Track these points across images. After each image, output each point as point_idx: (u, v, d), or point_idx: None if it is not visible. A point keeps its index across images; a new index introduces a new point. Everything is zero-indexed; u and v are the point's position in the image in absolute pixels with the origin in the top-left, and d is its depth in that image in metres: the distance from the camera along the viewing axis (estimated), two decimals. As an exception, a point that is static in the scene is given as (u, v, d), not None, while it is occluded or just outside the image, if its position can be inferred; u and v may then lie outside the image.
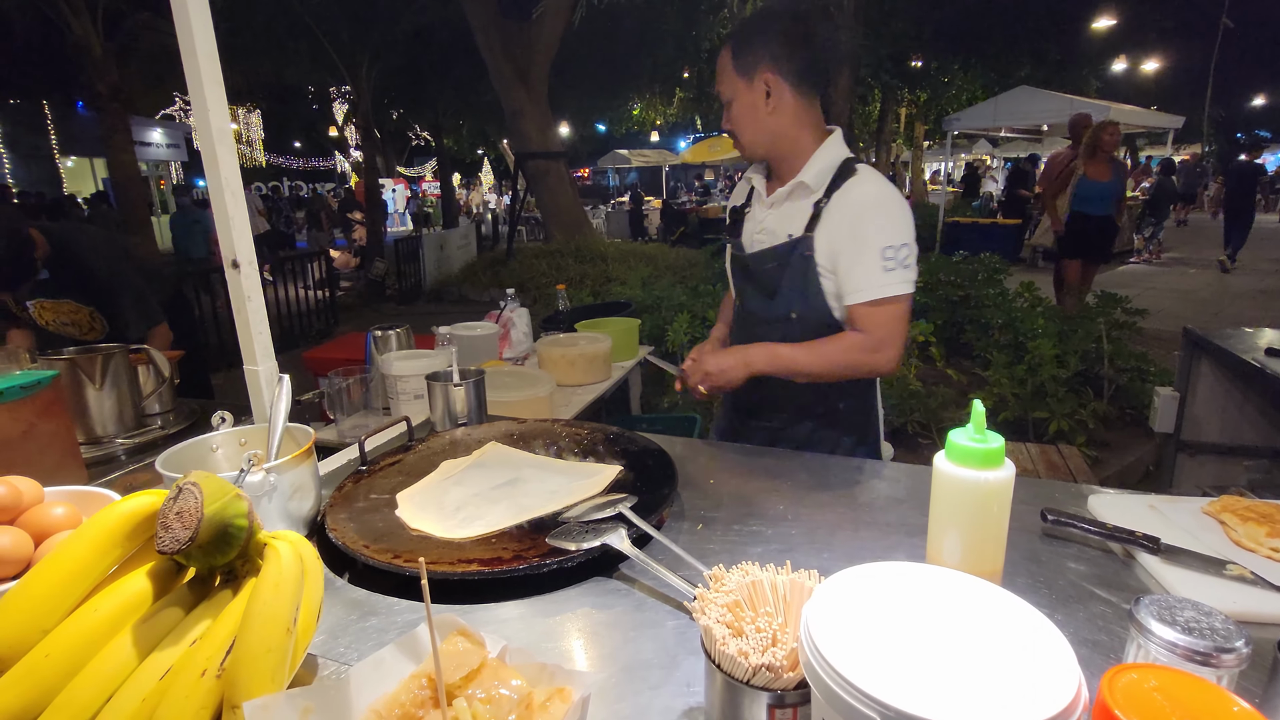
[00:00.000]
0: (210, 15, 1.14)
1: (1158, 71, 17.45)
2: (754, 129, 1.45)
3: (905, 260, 1.36)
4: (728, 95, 1.45)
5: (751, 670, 0.57)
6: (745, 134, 1.47)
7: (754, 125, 1.44)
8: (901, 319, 1.39)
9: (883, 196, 1.38)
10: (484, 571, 0.89)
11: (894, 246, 1.35)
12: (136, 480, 1.34)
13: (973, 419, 0.71)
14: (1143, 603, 0.60)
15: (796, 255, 1.43)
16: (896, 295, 1.36)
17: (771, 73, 1.39)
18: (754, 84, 1.40)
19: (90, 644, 0.58)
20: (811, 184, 1.42)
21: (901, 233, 1.36)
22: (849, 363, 1.40)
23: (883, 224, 1.36)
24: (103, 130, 8.63)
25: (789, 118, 1.43)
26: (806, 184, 1.43)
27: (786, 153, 1.46)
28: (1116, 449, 3.79)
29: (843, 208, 1.38)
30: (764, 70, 1.39)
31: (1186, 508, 1.04)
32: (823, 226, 1.40)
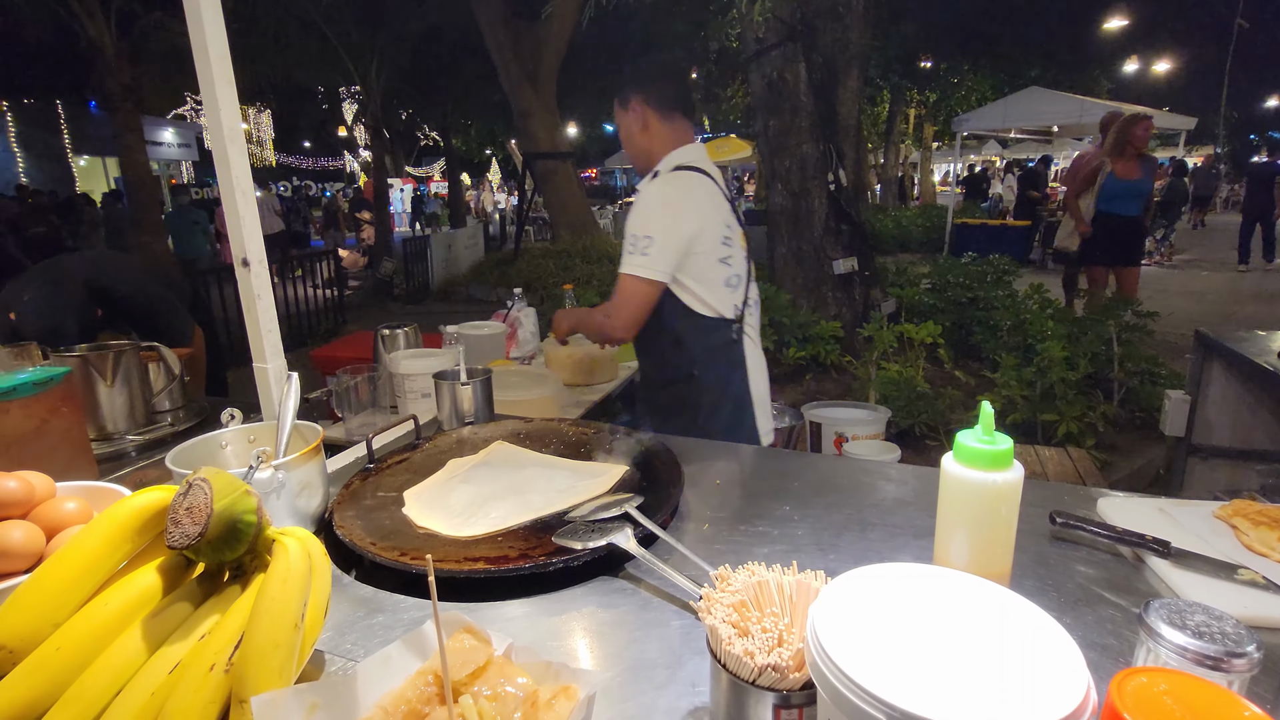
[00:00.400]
0: (222, 15, 1.15)
1: (1169, 72, 17.32)
2: (634, 145, 1.84)
3: (644, 249, 1.64)
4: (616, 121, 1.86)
5: (757, 670, 0.57)
6: (629, 149, 1.86)
7: (632, 142, 1.83)
8: (630, 296, 1.68)
9: (647, 194, 1.72)
10: (490, 570, 0.90)
11: (635, 235, 1.66)
12: (146, 476, 1.35)
13: (981, 420, 0.71)
14: (1153, 606, 0.60)
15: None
16: (628, 274, 1.66)
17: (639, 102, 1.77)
18: (629, 111, 1.79)
19: (101, 638, 0.59)
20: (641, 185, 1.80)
21: (645, 225, 1.66)
22: (593, 323, 1.78)
23: (635, 215, 1.70)
24: (115, 129, 8.70)
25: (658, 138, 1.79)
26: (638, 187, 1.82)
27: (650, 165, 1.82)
28: (1126, 452, 3.76)
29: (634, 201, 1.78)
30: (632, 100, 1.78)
31: (1197, 512, 1.03)
32: None
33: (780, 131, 5.22)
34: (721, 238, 1.74)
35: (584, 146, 22.93)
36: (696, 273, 1.71)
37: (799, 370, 4.99)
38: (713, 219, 1.72)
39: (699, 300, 1.73)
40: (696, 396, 1.78)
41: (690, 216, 1.68)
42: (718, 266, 1.73)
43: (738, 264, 1.78)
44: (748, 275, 1.83)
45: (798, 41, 4.98)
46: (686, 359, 1.77)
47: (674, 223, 1.66)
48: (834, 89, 5.20)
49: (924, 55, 14.47)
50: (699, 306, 1.74)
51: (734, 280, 1.78)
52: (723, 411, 1.80)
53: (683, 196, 1.70)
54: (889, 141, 17.67)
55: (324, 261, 8.70)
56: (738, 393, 1.82)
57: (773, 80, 5.12)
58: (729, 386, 1.81)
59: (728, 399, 1.80)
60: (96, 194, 14.89)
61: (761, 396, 1.88)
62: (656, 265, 1.65)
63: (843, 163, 5.33)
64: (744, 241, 1.83)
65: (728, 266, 1.75)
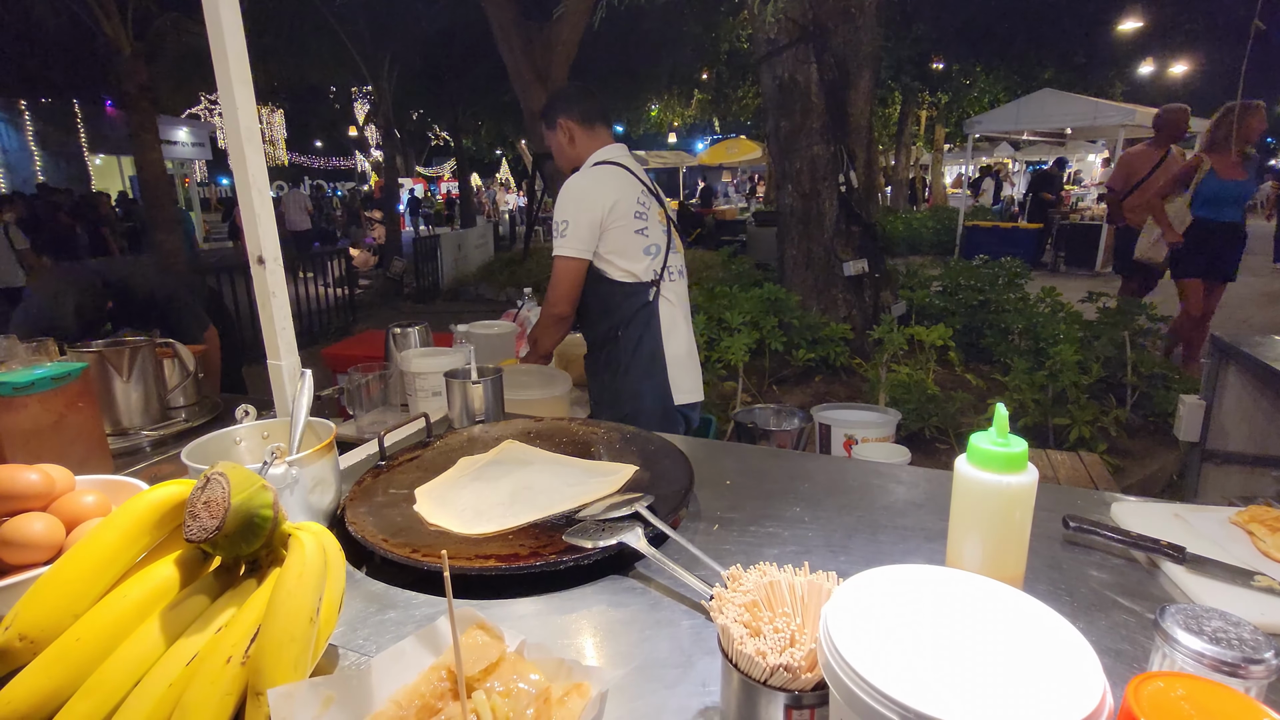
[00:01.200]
0: (240, 15, 1.16)
1: (1184, 74, 17.13)
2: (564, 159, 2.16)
3: (562, 232, 1.98)
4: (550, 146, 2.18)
5: (769, 670, 0.57)
6: (560, 162, 2.18)
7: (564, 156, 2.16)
8: (560, 274, 2.01)
9: (565, 186, 2.01)
10: (501, 567, 0.90)
11: (556, 222, 2.00)
12: (161, 471, 1.36)
13: (995, 422, 0.71)
14: (1168, 611, 0.59)
15: None
16: (555, 255, 2.01)
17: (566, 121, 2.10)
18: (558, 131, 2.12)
19: (119, 629, 0.59)
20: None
21: (562, 212, 1.98)
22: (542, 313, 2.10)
23: (557, 205, 2.00)
24: (131, 129, 8.77)
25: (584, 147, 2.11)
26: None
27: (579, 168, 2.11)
28: (1139, 457, 3.72)
29: None
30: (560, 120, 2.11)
31: (1213, 517, 1.02)
32: None
33: (791, 132, 5.20)
34: (634, 212, 2.02)
35: (594, 147, 22.93)
36: (613, 244, 2.01)
37: (808, 372, 4.98)
38: (624, 197, 2.00)
39: (616, 268, 2.03)
40: (619, 354, 2.07)
41: (599, 198, 1.97)
42: (633, 237, 2.03)
43: (655, 235, 2.07)
44: (667, 246, 2.11)
45: (809, 42, 4.97)
46: (609, 321, 2.06)
47: (585, 206, 1.96)
48: (846, 90, 5.17)
49: (936, 57, 14.39)
50: (616, 274, 2.04)
51: (651, 249, 2.06)
52: (638, 366, 2.06)
53: (593, 183, 2.00)
54: (900, 143, 17.59)
55: (335, 260, 8.75)
56: (652, 348, 2.07)
57: (784, 81, 5.11)
58: (643, 343, 2.07)
59: (643, 354, 2.07)
60: (113, 193, 15.07)
61: (678, 355, 2.12)
62: (575, 244, 1.97)
63: (854, 164, 5.31)
64: (662, 217, 2.12)
65: (644, 237, 2.04)
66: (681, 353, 2.14)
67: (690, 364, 2.18)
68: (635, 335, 2.06)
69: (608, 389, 2.12)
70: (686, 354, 2.16)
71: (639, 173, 2.11)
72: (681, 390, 2.12)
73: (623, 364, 2.07)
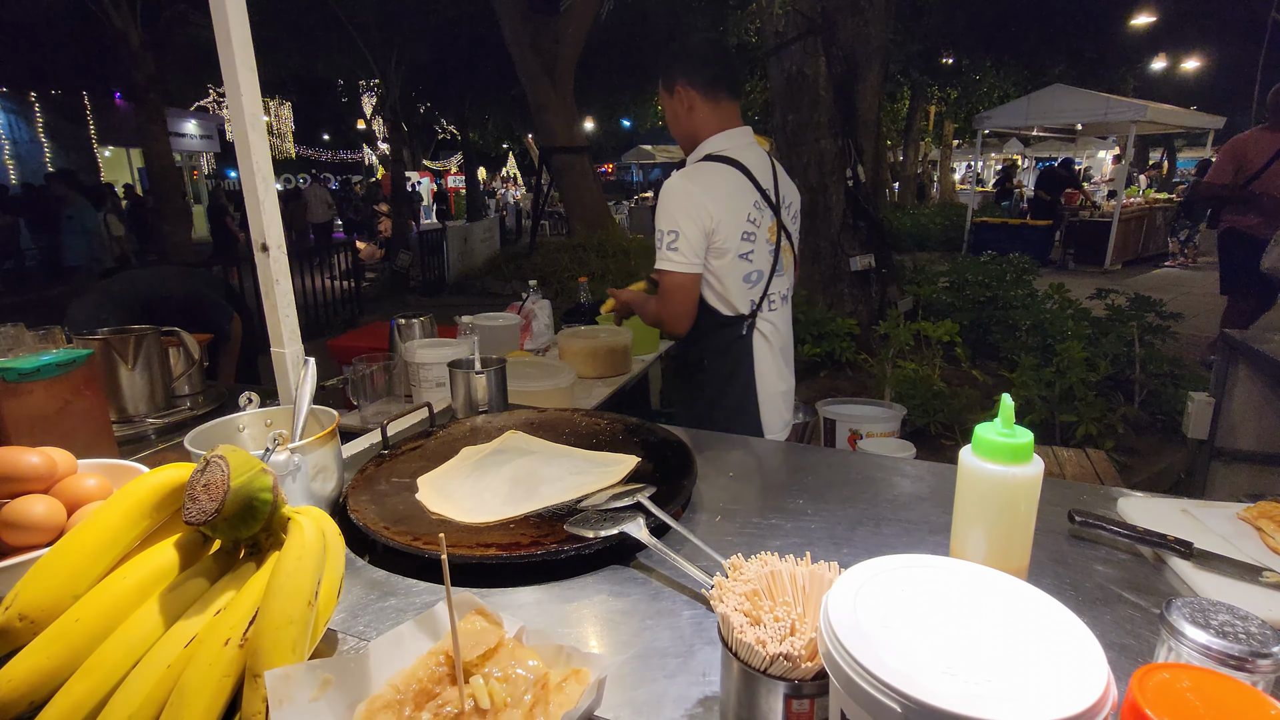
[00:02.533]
0: (245, 2, 1.16)
1: (1197, 70, 16.94)
2: (680, 129, 1.83)
3: (671, 244, 1.67)
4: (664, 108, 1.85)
5: (769, 659, 0.56)
6: (675, 132, 1.87)
7: (679, 126, 1.82)
8: (672, 291, 1.71)
9: (669, 188, 1.71)
10: (502, 556, 0.90)
11: (661, 231, 1.69)
12: (165, 459, 1.36)
13: (1000, 413, 0.70)
14: (1175, 605, 0.58)
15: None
16: (664, 269, 1.70)
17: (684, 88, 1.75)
18: (675, 96, 1.78)
19: (119, 610, 0.60)
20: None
21: (668, 220, 1.68)
22: (649, 314, 1.84)
23: (660, 209, 1.70)
24: (139, 121, 8.82)
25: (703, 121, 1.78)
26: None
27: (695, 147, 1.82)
28: (1147, 455, 3.70)
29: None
30: (678, 85, 1.76)
31: (1221, 513, 1.01)
32: None
33: (799, 126, 5.18)
34: (742, 233, 1.72)
35: (600, 141, 22.93)
36: (715, 268, 1.73)
37: (814, 367, 4.96)
38: (735, 213, 1.70)
39: (715, 294, 1.76)
40: (706, 383, 1.86)
41: (709, 210, 1.66)
42: (736, 263, 1.73)
43: (759, 259, 1.77)
44: (771, 270, 1.81)
45: (818, 35, 4.93)
46: (697, 348, 1.83)
47: (694, 216, 1.67)
48: (854, 84, 5.14)
49: (946, 51, 14.28)
50: (714, 300, 1.77)
51: (753, 276, 1.77)
52: (728, 400, 1.84)
53: (703, 192, 1.68)
54: (909, 139, 17.49)
55: (341, 253, 8.77)
56: (744, 383, 1.84)
57: (792, 74, 5.08)
58: (735, 377, 1.83)
59: (735, 388, 1.84)
60: (120, 184, 15.16)
61: (772, 393, 1.87)
62: (687, 256, 1.67)
63: (861, 159, 5.28)
64: (773, 233, 1.80)
65: (748, 263, 1.75)
66: (776, 390, 1.89)
67: (785, 399, 1.94)
68: (725, 368, 1.83)
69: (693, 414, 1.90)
70: (782, 390, 1.92)
71: (757, 172, 1.77)
72: (773, 429, 1.89)
73: (709, 396, 1.85)
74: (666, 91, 1.79)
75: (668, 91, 1.78)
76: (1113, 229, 10.26)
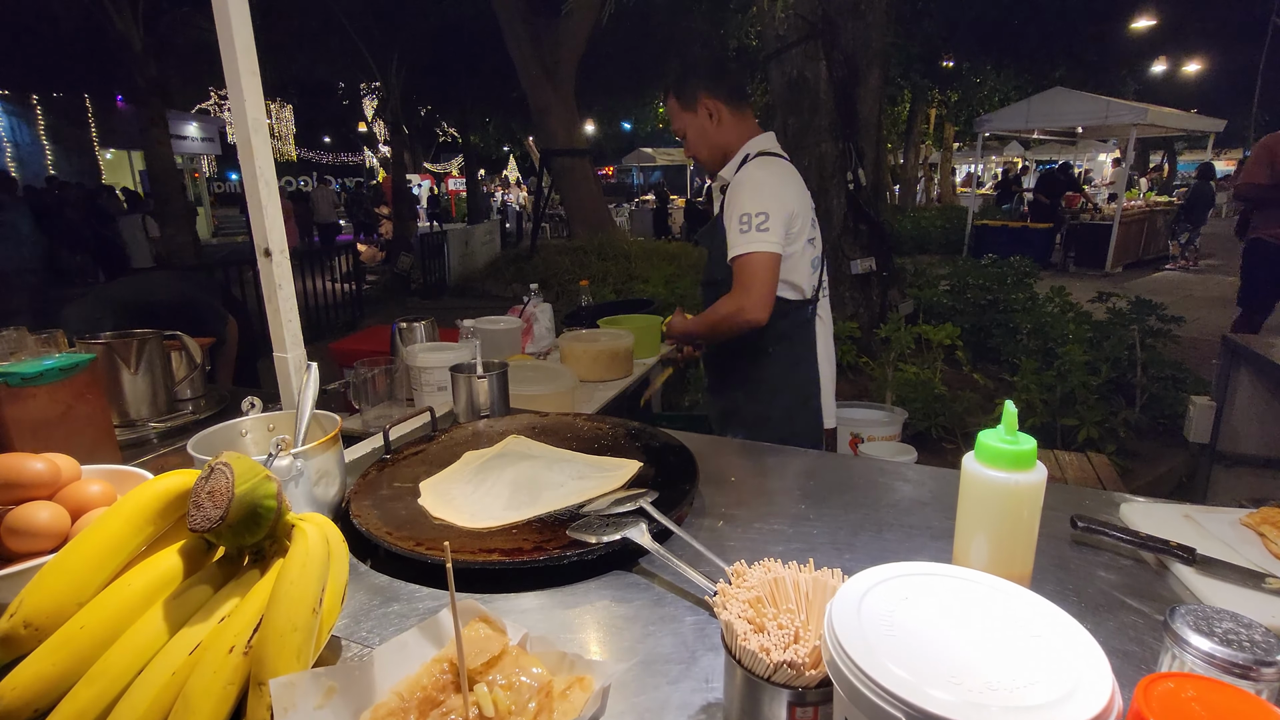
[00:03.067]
0: (248, 6, 1.16)
1: (1198, 73, 16.95)
2: (708, 145, 1.83)
3: (760, 225, 1.67)
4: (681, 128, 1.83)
5: (773, 667, 0.56)
6: (702, 151, 1.85)
7: (707, 142, 1.83)
8: (759, 271, 1.68)
9: (751, 175, 1.73)
10: (505, 561, 0.90)
11: (749, 214, 1.68)
12: (168, 463, 1.37)
13: (1004, 419, 0.70)
14: (1178, 612, 0.58)
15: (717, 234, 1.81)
16: (753, 251, 1.68)
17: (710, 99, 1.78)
18: (699, 112, 1.79)
19: (123, 617, 0.60)
20: (729, 177, 1.80)
21: (757, 202, 1.68)
22: (724, 318, 1.73)
23: (745, 194, 1.70)
24: (141, 123, 8.84)
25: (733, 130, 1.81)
26: (725, 177, 1.82)
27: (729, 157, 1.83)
28: (1148, 459, 3.70)
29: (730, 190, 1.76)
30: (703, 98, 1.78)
31: (1224, 518, 1.01)
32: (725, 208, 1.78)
33: (799, 130, 5.18)
34: (811, 220, 1.83)
35: (601, 144, 22.95)
36: (789, 252, 1.77)
37: (814, 370, 4.95)
38: (805, 201, 1.81)
39: (785, 280, 1.79)
40: (768, 373, 1.84)
41: (790, 196, 1.73)
42: (806, 248, 1.81)
43: (818, 246, 1.88)
44: (823, 260, 1.91)
45: (819, 39, 4.94)
46: (761, 337, 1.78)
47: (782, 199, 1.71)
48: (855, 87, 5.14)
49: (946, 55, 14.30)
50: (784, 286, 1.79)
51: (815, 262, 1.87)
52: (792, 389, 1.85)
53: (781, 178, 1.75)
54: (909, 141, 17.50)
55: (342, 256, 8.78)
56: (807, 370, 1.86)
57: (793, 78, 5.08)
58: (799, 367, 1.85)
59: (799, 376, 1.85)
60: (122, 187, 15.19)
61: (828, 380, 1.93)
62: (775, 238, 1.69)
63: (862, 162, 5.28)
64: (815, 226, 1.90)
65: (814, 247, 1.85)
66: (829, 375, 1.95)
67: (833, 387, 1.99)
68: (791, 355, 1.84)
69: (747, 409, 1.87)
70: (831, 376, 1.97)
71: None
72: (830, 416, 1.94)
73: (772, 384, 1.85)
74: (685, 107, 1.80)
75: (687, 107, 1.79)
76: (1113, 232, 10.26)
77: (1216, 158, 16.55)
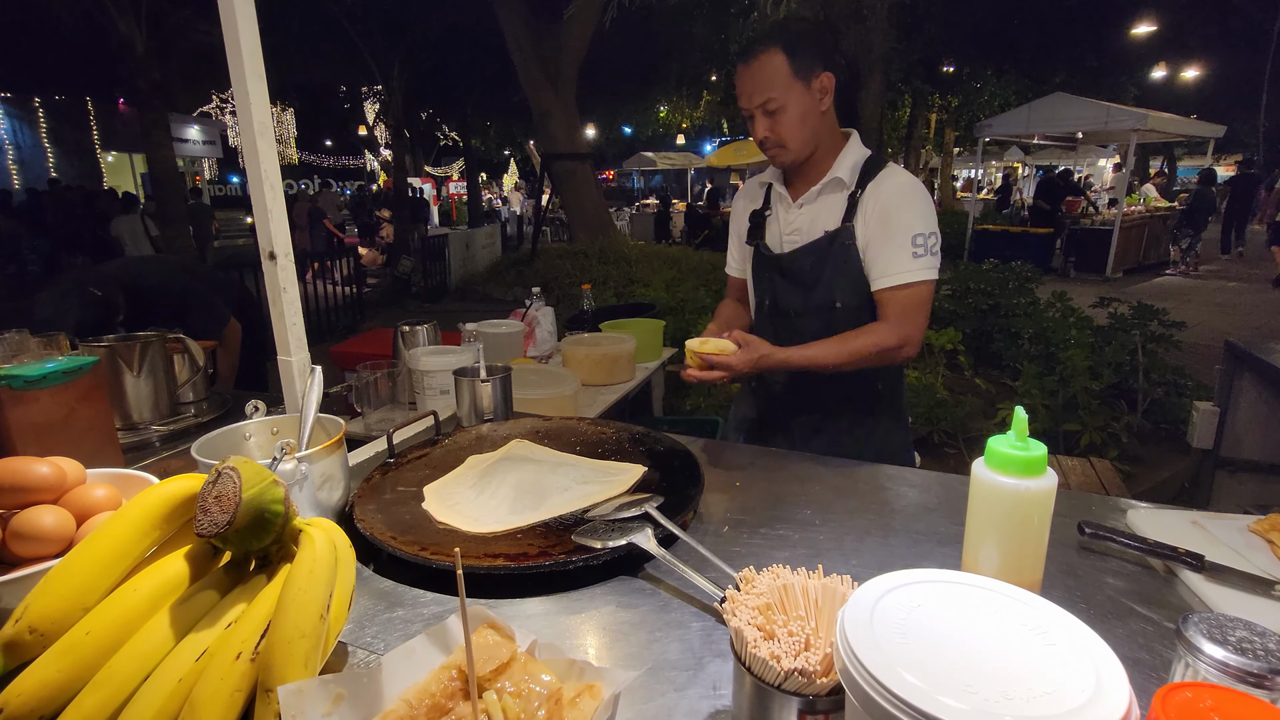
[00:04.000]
0: (254, 10, 1.16)
1: (1198, 79, 16.98)
2: (807, 132, 1.44)
3: (933, 248, 1.43)
4: (781, 100, 1.40)
5: (783, 674, 0.56)
6: (797, 138, 1.44)
7: (807, 128, 1.44)
8: (925, 304, 1.44)
9: (913, 188, 1.45)
10: (510, 567, 0.89)
11: (923, 234, 1.41)
12: (171, 466, 1.36)
13: (1014, 425, 0.70)
14: (1191, 620, 0.58)
15: (837, 247, 1.47)
16: (922, 280, 1.42)
17: (828, 75, 1.43)
18: (812, 87, 1.41)
19: (129, 623, 0.59)
20: (846, 179, 1.47)
21: (929, 222, 1.43)
22: (873, 345, 1.41)
23: (913, 213, 1.42)
24: (143, 126, 8.86)
25: (831, 119, 1.48)
26: (841, 179, 1.47)
27: (820, 153, 1.49)
28: (1150, 464, 3.69)
29: (877, 198, 1.44)
30: (821, 73, 1.41)
31: (1232, 525, 1.00)
32: (859, 216, 1.46)
33: (801, 134, 5.18)
34: None
35: (602, 148, 22.99)
36: None
37: (816, 375, 4.95)
38: None
39: None
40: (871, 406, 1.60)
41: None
42: None
43: None
44: None
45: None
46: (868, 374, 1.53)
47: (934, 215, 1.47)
48: (856, 91, 5.15)
49: (947, 60, 14.33)
50: None
51: None
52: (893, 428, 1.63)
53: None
54: (909, 146, 17.52)
55: (343, 259, 8.79)
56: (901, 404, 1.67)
57: (794, 83, 5.09)
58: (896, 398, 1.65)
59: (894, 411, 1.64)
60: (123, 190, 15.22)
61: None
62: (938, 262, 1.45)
63: (864, 167, 5.28)
64: None
65: None
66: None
67: None
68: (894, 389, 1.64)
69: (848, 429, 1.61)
70: None
71: None
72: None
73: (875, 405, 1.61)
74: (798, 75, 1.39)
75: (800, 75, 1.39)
76: (1114, 237, 10.26)
77: (1217, 163, 16.55)
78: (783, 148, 1.46)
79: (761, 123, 1.43)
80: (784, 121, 1.42)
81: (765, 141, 1.46)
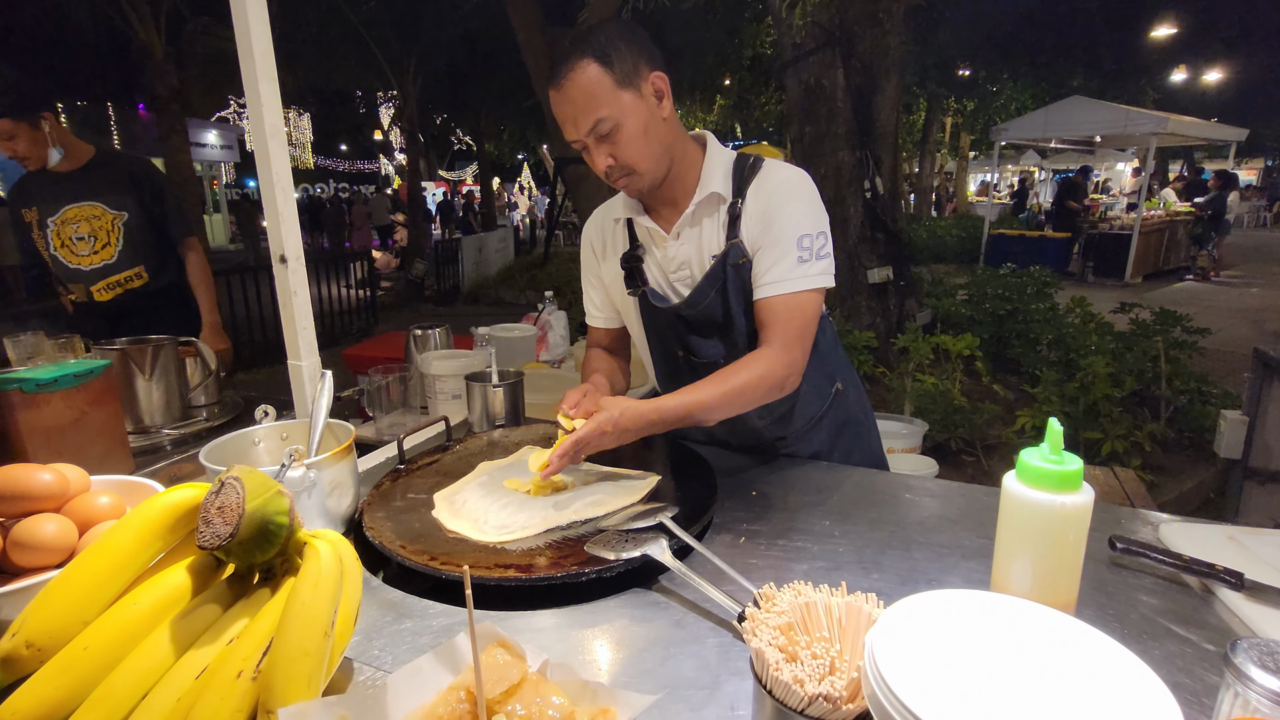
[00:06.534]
0: (266, 13, 1.16)
1: (1219, 82, 16.73)
2: (655, 147, 1.18)
3: (821, 250, 1.21)
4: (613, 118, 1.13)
5: (807, 699, 0.53)
6: (646, 157, 1.18)
7: (654, 142, 1.18)
8: (813, 320, 1.22)
9: (798, 183, 1.23)
10: (520, 578, 0.87)
11: (810, 235, 1.20)
12: (181, 471, 1.36)
13: (1048, 438, 0.67)
14: (1240, 646, 0.54)
15: (732, 269, 1.23)
16: (810, 289, 1.20)
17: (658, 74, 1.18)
18: (644, 93, 1.15)
19: (129, 638, 0.57)
20: (722, 190, 1.24)
21: (818, 221, 1.22)
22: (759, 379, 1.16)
23: (798, 211, 1.20)
24: (161, 131, 8.98)
25: (677, 125, 1.23)
26: (717, 193, 1.23)
27: (679, 168, 1.25)
28: (1174, 473, 3.61)
29: (759, 200, 1.22)
30: (650, 73, 1.16)
31: (1271, 540, 0.96)
32: (744, 227, 1.23)
33: (816, 138, 5.15)
34: None
35: (614, 152, 22.94)
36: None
37: (830, 380, 4.90)
38: None
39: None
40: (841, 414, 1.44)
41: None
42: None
43: None
44: None
45: (836, 47, 4.92)
46: (827, 372, 1.41)
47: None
48: (872, 95, 5.11)
49: (962, 63, 14.23)
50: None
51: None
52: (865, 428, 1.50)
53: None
54: (924, 150, 17.41)
55: (357, 262, 8.85)
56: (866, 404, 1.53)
57: (810, 86, 5.06)
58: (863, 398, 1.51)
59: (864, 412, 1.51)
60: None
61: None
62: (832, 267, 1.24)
63: (879, 170, 5.24)
64: None
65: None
66: None
67: None
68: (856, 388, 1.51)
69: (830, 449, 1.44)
70: None
71: None
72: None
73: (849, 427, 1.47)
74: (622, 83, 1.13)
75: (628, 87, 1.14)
76: (1133, 242, 10.12)
77: (1237, 167, 16.30)
78: (633, 173, 1.19)
79: (599, 150, 1.17)
80: (624, 141, 1.15)
81: (610, 171, 1.19)
